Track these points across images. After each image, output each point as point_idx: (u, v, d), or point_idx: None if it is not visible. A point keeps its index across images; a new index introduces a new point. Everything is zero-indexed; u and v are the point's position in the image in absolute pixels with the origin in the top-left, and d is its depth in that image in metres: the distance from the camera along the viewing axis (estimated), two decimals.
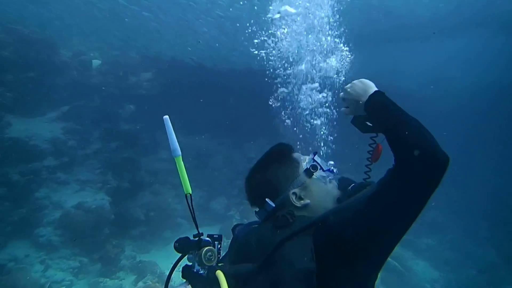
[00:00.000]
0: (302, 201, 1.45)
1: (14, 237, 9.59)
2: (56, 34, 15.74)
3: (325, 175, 1.54)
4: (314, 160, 1.55)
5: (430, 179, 1.18)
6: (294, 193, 1.46)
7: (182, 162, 1.56)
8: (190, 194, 1.53)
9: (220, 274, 1.26)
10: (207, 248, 1.37)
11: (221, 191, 12.80)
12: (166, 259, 10.18)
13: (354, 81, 1.56)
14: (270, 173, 1.51)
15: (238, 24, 12.68)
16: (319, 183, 1.51)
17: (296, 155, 1.56)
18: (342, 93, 1.62)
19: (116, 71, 16.00)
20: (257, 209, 1.55)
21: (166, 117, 1.56)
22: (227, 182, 13.04)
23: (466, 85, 19.88)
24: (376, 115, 1.45)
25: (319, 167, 1.53)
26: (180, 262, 1.52)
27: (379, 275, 1.32)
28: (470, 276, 11.74)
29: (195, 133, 14.18)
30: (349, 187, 1.60)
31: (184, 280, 1.38)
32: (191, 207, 1.51)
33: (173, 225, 11.65)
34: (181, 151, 1.51)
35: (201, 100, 13.34)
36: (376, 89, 1.49)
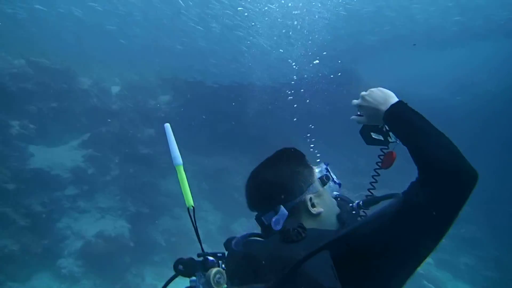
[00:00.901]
0: (315, 209, 1.37)
1: (38, 269, 9.63)
2: (75, 63, 16.18)
3: (333, 187, 1.53)
4: (328, 170, 1.52)
5: (457, 195, 1.13)
6: (310, 198, 1.38)
7: (183, 172, 1.49)
8: (193, 207, 1.46)
9: None
10: (216, 270, 1.22)
11: (242, 213, 12.48)
12: None
13: (372, 89, 1.50)
14: (287, 173, 1.40)
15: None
16: (328, 194, 1.48)
17: (309, 161, 1.51)
18: (358, 100, 1.55)
19: (135, 95, 16.20)
20: (257, 214, 1.44)
21: (167, 124, 1.53)
22: None
23: (496, 90, 18.81)
24: (398, 125, 1.39)
25: (331, 178, 1.51)
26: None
27: None
28: None
29: (214, 153, 14.01)
30: (360, 201, 1.55)
31: None
32: (193, 222, 1.43)
33: (195, 250, 11.27)
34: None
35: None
36: (397, 99, 1.43)
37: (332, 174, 1.54)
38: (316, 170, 1.50)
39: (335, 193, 1.56)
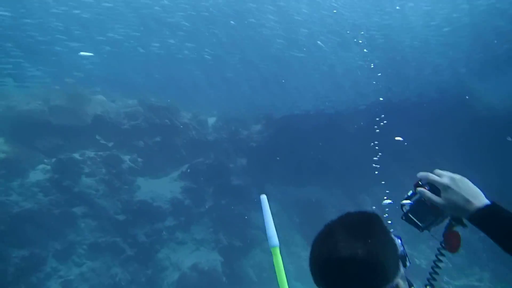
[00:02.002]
0: None
1: None
2: (178, 99, 17.64)
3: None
4: (403, 246, 1.33)
5: None
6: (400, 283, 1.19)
7: (279, 255, 1.39)
8: None
9: None
10: None
11: None
12: None
13: (456, 176, 1.40)
14: (381, 251, 1.15)
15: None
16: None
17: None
18: (443, 179, 1.40)
19: (229, 126, 16.83)
20: None
21: (263, 196, 1.44)
22: None
23: None
24: (500, 227, 1.27)
25: (407, 257, 1.33)
26: None
27: None
28: None
29: (305, 184, 13.52)
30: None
31: None
32: None
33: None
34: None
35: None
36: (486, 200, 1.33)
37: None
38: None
39: None
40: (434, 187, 1.43)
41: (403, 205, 1.51)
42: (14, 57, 11.47)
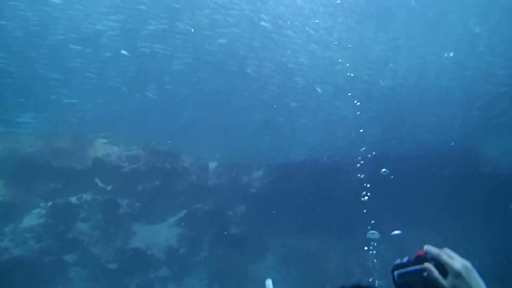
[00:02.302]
0: None
1: None
2: (180, 143, 17.70)
3: None
4: None
5: None
6: None
7: None
8: None
9: None
10: None
11: None
12: None
13: (468, 265, 1.35)
14: None
15: None
16: None
17: None
18: (458, 264, 1.34)
19: (229, 171, 16.69)
20: None
21: (269, 282, 1.49)
22: None
23: None
24: None
25: None
26: None
27: None
28: None
29: (305, 235, 13.06)
30: None
31: None
32: None
33: None
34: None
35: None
36: None
37: None
38: None
39: None
40: (441, 266, 1.38)
41: (396, 269, 1.46)
42: (9, 104, 11.70)
